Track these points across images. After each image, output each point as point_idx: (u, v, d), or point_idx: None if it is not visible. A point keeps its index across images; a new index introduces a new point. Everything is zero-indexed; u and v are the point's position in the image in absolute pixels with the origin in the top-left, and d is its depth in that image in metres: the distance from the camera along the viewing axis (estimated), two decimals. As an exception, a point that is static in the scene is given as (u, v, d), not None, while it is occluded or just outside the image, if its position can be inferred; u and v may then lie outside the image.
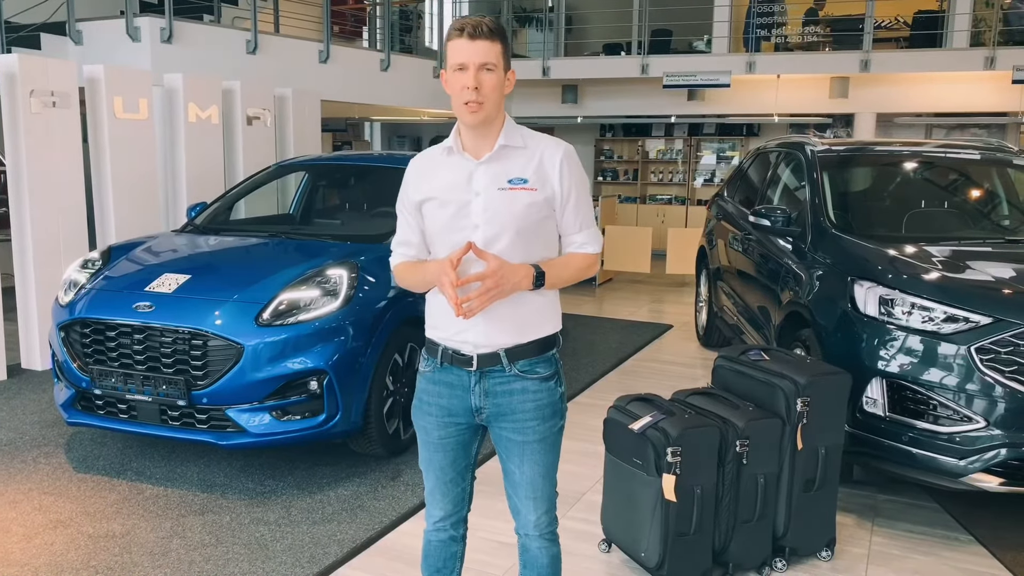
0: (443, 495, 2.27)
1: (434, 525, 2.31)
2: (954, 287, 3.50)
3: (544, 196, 2.09)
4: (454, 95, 2.05)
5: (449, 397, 2.17)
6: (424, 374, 2.21)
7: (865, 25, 10.23)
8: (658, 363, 6.42)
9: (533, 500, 2.27)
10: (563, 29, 12.72)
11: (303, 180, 6.12)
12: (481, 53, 2.02)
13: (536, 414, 2.17)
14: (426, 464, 2.26)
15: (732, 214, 6.11)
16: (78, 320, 3.94)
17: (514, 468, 2.23)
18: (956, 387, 3.30)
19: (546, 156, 2.11)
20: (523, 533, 2.33)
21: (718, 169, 14.12)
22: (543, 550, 2.35)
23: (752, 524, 3.09)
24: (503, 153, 2.10)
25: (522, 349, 2.14)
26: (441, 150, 2.17)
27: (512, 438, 2.18)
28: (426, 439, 2.23)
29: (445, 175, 2.12)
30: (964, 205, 4.81)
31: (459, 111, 2.06)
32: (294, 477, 3.99)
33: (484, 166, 2.09)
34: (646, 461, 2.96)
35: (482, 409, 2.16)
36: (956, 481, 3.31)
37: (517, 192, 2.07)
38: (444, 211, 2.10)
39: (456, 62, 2.03)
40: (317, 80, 9.10)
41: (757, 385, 3.25)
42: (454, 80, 2.04)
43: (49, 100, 5.65)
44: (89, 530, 3.42)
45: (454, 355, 2.13)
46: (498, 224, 2.06)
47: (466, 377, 2.14)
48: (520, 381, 2.15)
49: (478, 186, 2.08)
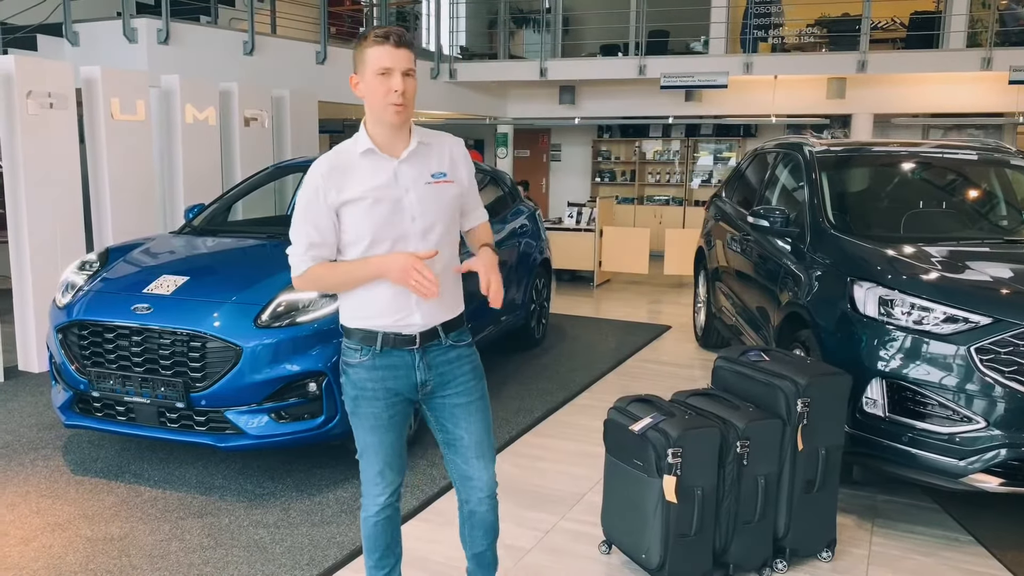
0: (393, 471, 2.41)
1: (382, 505, 2.42)
2: (953, 287, 3.50)
3: (459, 187, 2.37)
4: (377, 97, 2.20)
5: (394, 379, 2.32)
6: (361, 364, 2.32)
7: (862, 26, 10.24)
8: (656, 364, 6.41)
9: (483, 459, 2.43)
10: (560, 30, 12.72)
11: (300, 181, 6.10)
12: (404, 60, 2.19)
13: (473, 375, 2.41)
14: (375, 448, 2.37)
15: (730, 215, 6.11)
16: (76, 322, 3.92)
17: (462, 432, 2.40)
18: (956, 387, 3.29)
19: (454, 152, 2.37)
20: (474, 499, 2.46)
21: (715, 170, 14.14)
22: (491, 510, 2.49)
23: (753, 525, 3.09)
24: (419, 151, 2.30)
25: (453, 322, 2.38)
26: (354, 152, 2.27)
27: (458, 402, 2.38)
28: (376, 424, 2.34)
29: (369, 175, 2.25)
30: (962, 205, 4.81)
31: (383, 112, 2.21)
32: (293, 479, 3.98)
33: (405, 164, 2.28)
34: (647, 462, 2.95)
35: (427, 382, 2.35)
36: (956, 481, 3.31)
37: (441, 185, 2.31)
38: (379, 208, 2.24)
39: (381, 67, 2.18)
40: (314, 81, 9.08)
41: (757, 386, 3.24)
42: (377, 84, 2.19)
43: (46, 101, 5.63)
44: (87, 533, 3.41)
45: (396, 337, 2.30)
46: (431, 215, 2.29)
47: (408, 356, 2.31)
48: (455, 350, 2.38)
49: (406, 182, 2.27)
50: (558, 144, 15.32)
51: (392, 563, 2.54)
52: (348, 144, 2.30)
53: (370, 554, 2.51)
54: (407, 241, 2.26)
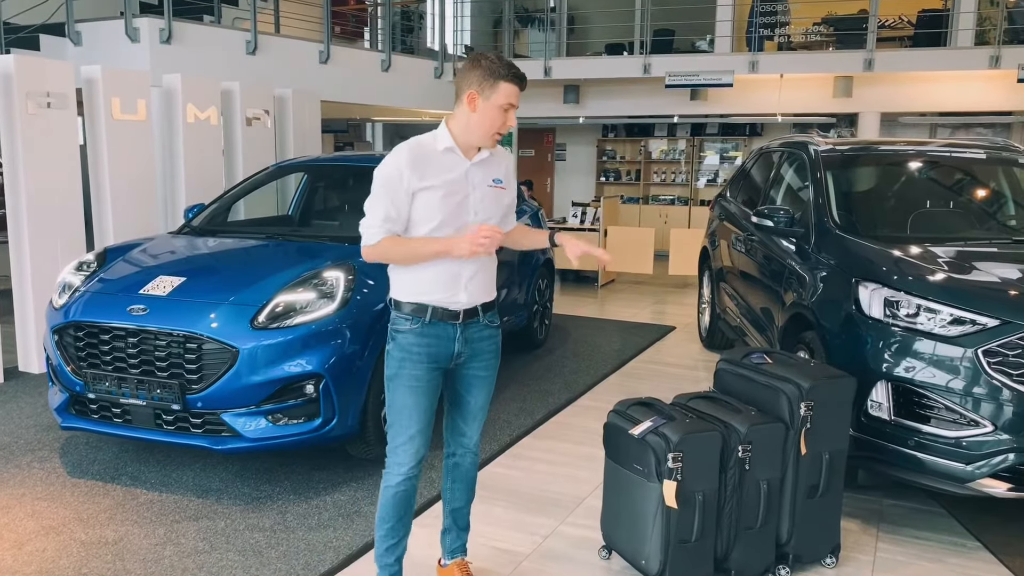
0: (423, 438, 2.67)
1: (405, 475, 2.66)
2: (960, 288, 3.44)
3: (511, 193, 2.77)
4: (489, 126, 2.57)
5: (437, 346, 2.64)
6: (411, 331, 2.63)
7: (869, 24, 10.16)
8: (660, 365, 6.36)
9: (477, 421, 2.82)
10: (565, 29, 12.66)
11: (301, 181, 6.07)
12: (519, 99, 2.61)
13: (495, 353, 2.79)
14: (411, 410, 2.63)
15: (735, 214, 6.05)
16: (72, 323, 3.89)
17: (471, 399, 2.78)
18: (963, 390, 3.23)
19: (509, 165, 2.78)
20: (460, 452, 2.84)
21: (721, 169, 14.06)
22: (473, 465, 2.89)
23: (755, 531, 3.03)
24: (488, 159, 2.68)
25: (489, 304, 2.74)
26: (435, 147, 2.61)
27: (479, 374, 2.75)
28: (417, 386, 2.62)
29: (445, 170, 2.58)
30: (970, 205, 4.74)
31: (486, 138, 2.60)
32: (290, 482, 3.94)
33: (476, 167, 2.64)
34: (647, 467, 2.90)
35: (462, 353, 2.68)
36: (963, 487, 3.25)
37: (499, 190, 2.71)
38: (451, 199, 2.58)
39: (507, 103, 2.56)
40: (317, 80, 9.05)
41: (760, 389, 3.19)
42: (496, 114, 2.56)
43: (46, 101, 5.61)
44: (82, 536, 3.37)
45: (443, 312, 2.62)
46: (489, 212, 2.67)
47: (451, 329, 2.65)
48: (488, 329, 2.74)
49: (474, 182, 2.63)
50: (563, 143, 15.27)
51: (402, 534, 2.75)
52: (428, 139, 2.62)
53: (383, 523, 2.71)
54: (466, 231, 2.57)
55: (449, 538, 2.99)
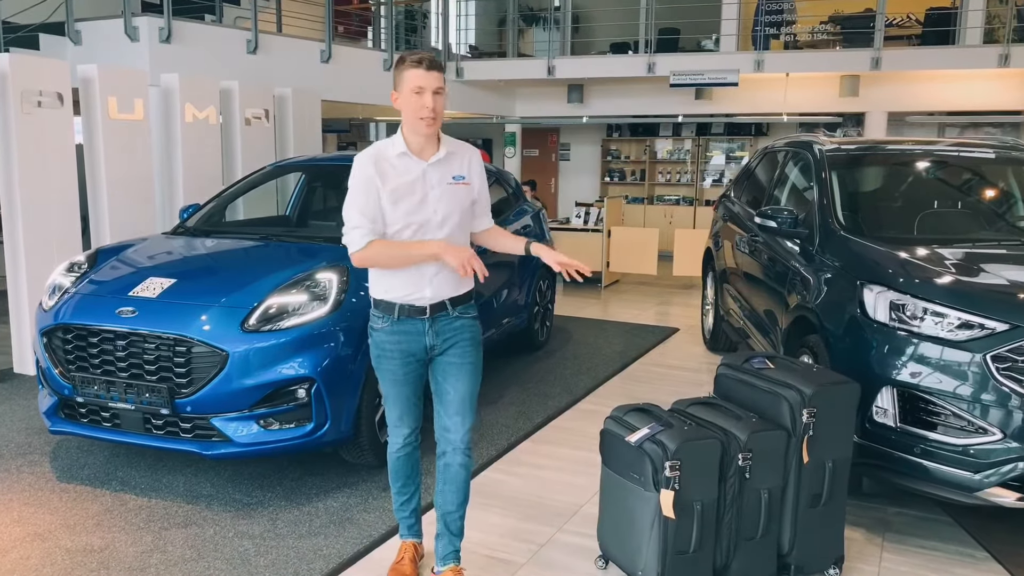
0: (411, 417, 2.88)
1: (404, 441, 2.90)
2: (968, 291, 3.34)
3: (475, 189, 2.85)
4: (411, 112, 2.64)
5: (408, 342, 2.78)
6: (381, 329, 2.79)
7: (876, 22, 10.04)
8: (663, 368, 6.27)
9: (461, 416, 2.84)
10: (569, 28, 12.57)
11: (299, 181, 6.00)
12: (435, 80, 2.65)
13: (472, 343, 2.86)
14: (394, 398, 2.84)
15: (739, 215, 5.95)
16: (60, 325, 3.82)
17: (449, 388, 2.83)
18: (971, 397, 3.13)
19: (472, 161, 2.85)
20: (449, 451, 2.87)
21: (727, 169, 13.94)
22: (463, 467, 2.88)
23: (755, 541, 2.95)
24: (445, 158, 2.76)
25: (459, 298, 2.83)
26: (391, 152, 2.71)
27: (453, 362, 2.82)
28: (393, 378, 2.81)
29: (403, 173, 2.70)
30: (978, 206, 4.63)
31: (415, 124, 2.66)
32: (283, 488, 3.87)
33: (432, 167, 2.74)
34: (643, 475, 2.82)
35: (435, 346, 2.80)
36: (971, 496, 3.15)
37: (459, 186, 2.78)
38: (410, 199, 2.70)
39: (415, 86, 2.62)
40: (318, 80, 8.99)
41: (761, 395, 3.10)
42: (412, 100, 2.63)
43: (42, 100, 5.55)
44: (67, 544, 3.30)
45: (410, 308, 2.75)
46: (449, 208, 2.75)
47: (419, 324, 2.77)
48: (460, 320, 2.83)
49: (432, 181, 2.74)
50: (567, 143, 15.18)
51: (412, 490, 3.00)
52: (386, 144, 2.74)
53: (394, 481, 2.98)
54: (428, 227, 2.71)
55: (441, 544, 2.94)
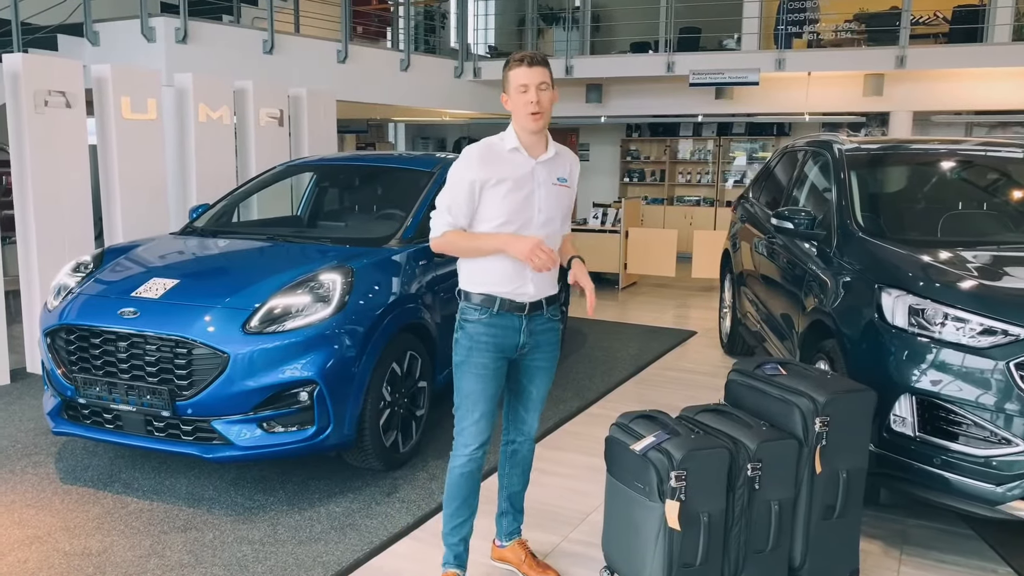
0: (488, 421, 2.80)
1: (473, 453, 2.80)
2: (992, 296, 3.20)
3: (573, 192, 2.89)
4: (520, 110, 2.68)
5: (503, 336, 2.77)
6: (478, 321, 2.76)
7: (901, 20, 9.84)
8: (678, 372, 6.15)
9: (536, 411, 2.98)
10: (589, 28, 12.46)
11: (311, 181, 5.96)
12: (539, 76, 2.68)
13: (556, 345, 2.93)
14: (478, 396, 2.77)
15: (757, 216, 5.83)
16: (63, 326, 3.79)
17: (533, 389, 2.92)
18: (993, 406, 3.00)
19: (573, 164, 2.90)
20: (520, 440, 3.00)
21: (749, 169, 13.76)
22: (531, 451, 3.05)
23: (765, 554, 2.84)
24: (554, 158, 2.79)
25: (553, 298, 2.87)
26: (503, 147, 2.74)
27: (540, 365, 2.89)
28: (483, 373, 2.76)
29: (511, 167, 2.72)
30: (1004, 207, 4.48)
31: (524, 121, 2.69)
32: (285, 492, 3.81)
33: (541, 165, 2.77)
34: (648, 485, 2.72)
35: (525, 344, 2.81)
36: (993, 509, 3.02)
37: (562, 188, 2.82)
38: (516, 195, 2.70)
39: (519, 84, 2.67)
40: (335, 80, 8.96)
41: (772, 402, 2.99)
42: (518, 99, 2.68)
43: (55, 100, 5.55)
44: (65, 547, 3.27)
45: (510, 303, 2.76)
46: (552, 209, 2.79)
47: (517, 320, 2.78)
48: (550, 322, 2.87)
49: (539, 179, 2.76)
50: (586, 143, 15.06)
51: (468, 515, 2.88)
52: (496, 139, 2.76)
53: (450, 501, 2.86)
54: (530, 226, 2.73)
55: (506, 520, 3.13)
